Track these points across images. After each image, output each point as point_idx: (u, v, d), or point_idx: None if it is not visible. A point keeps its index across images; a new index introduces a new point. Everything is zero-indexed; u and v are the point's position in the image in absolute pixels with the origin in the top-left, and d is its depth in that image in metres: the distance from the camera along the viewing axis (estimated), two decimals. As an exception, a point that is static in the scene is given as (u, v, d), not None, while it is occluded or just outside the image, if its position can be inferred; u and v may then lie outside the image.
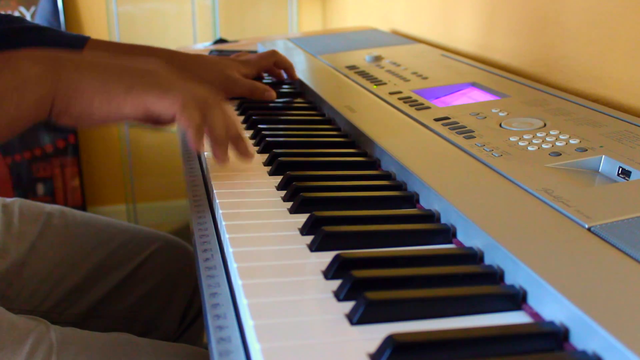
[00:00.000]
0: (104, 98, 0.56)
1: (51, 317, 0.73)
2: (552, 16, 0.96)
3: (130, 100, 0.56)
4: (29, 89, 0.55)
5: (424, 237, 0.52)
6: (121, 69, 0.58)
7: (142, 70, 0.59)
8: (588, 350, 0.37)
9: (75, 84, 0.56)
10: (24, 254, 0.87)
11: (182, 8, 2.18)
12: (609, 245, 0.45)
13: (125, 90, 0.56)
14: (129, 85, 0.57)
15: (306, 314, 0.42)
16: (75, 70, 0.56)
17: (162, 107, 0.57)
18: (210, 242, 0.56)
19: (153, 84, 0.58)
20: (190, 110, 0.57)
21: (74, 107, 0.56)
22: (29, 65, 0.55)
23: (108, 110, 0.57)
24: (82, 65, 0.57)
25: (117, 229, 0.97)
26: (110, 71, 0.57)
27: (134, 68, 0.59)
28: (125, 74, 0.58)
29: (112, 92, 0.56)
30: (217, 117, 0.60)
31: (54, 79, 0.55)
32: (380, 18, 1.67)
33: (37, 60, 0.56)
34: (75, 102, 0.56)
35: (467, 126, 0.71)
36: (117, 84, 0.57)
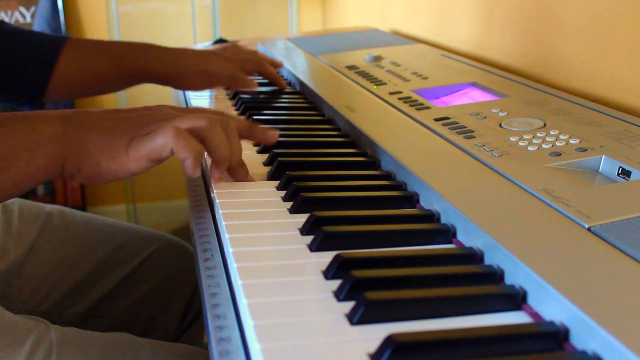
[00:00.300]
0: (108, 157, 0.57)
1: (51, 317, 0.73)
2: (552, 16, 0.96)
3: (131, 155, 0.56)
4: (40, 150, 0.56)
5: (424, 237, 0.52)
6: (123, 121, 0.59)
7: (143, 116, 0.59)
8: (588, 350, 0.37)
9: (83, 145, 0.57)
10: (23, 254, 0.87)
11: (182, 8, 2.18)
12: (609, 245, 0.45)
13: (126, 144, 0.57)
14: (129, 138, 0.57)
15: (306, 314, 0.42)
16: (82, 130, 0.57)
17: (159, 150, 0.56)
18: (210, 242, 0.56)
19: (149, 130, 0.57)
20: (183, 140, 0.56)
21: (84, 168, 0.57)
22: (42, 126, 0.57)
23: (114, 169, 0.57)
24: (89, 123, 0.58)
25: (117, 229, 0.97)
26: (114, 127, 0.58)
27: (137, 117, 0.59)
28: (126, 126, 0.58)
29: (114, 150, 0.57)
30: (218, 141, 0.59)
31: (63, 141, 0.57)
32: (380, 18, 1.67)
33: (49, 121, 0.57)
34: (85, 164, 0.57)
35: (467, 126, 0.71)
36: (118, 140, 0.57)
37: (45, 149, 0.56)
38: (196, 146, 0.56)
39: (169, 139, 0.55)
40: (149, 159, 0.57)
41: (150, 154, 0.56)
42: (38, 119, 0.57)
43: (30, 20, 2.13)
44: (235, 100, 0.98)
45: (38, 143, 0.56)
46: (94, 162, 0.57)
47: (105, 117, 0.59)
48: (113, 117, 0.59)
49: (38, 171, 0.56)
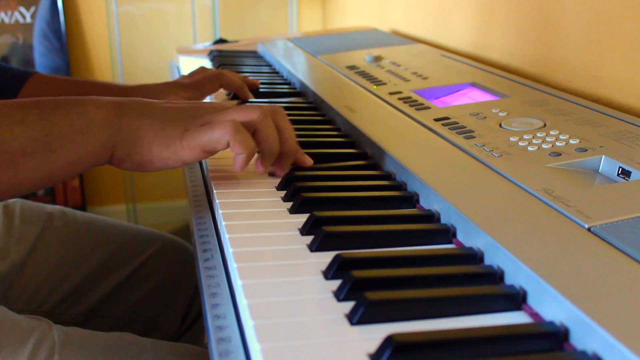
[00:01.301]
0: (162, 144, 0.57)
1: (52, 317, 0.73)
2: (552, 16, 0.96)
3: (186, 144, 0.57)
4: (92, 133, 0.56)
5: (424, 237, 0.52)
6: (177, 111, 0.60)
7: (195, 108, 0.61)
8: (588, 350, 0.37)
9: (135, 132, 0.58)
10: (24, 254, 0.87)
11: (182, 8, 2.18)
12: (609, 245, 0.45)
13: (181, 133, 0.58)
14: (184, 127, 0.58)
15: (306, 314, 0.42)
16: (136, 117, 0.58)
17: (215, 142, 0.57)
18: (210, 242, 0.56)
19: (204, 120, 0.59)
20: (241, 135, 0.57)
21: (135, 154, 0.58)
22: (94, 110, 0.57)
23: (167, 156, 0.58)
24: (143, 111, 0.59)
25: (117, 230, 0.97)
26: (168, 115, 0.59)
27: (189, 107, 0.61)
28: (179, 115, 0.59)
29: (168, 138, 0.57)
30: (269, 133, 0.60)
31: (116, 126, 0.57)
32: (379, 18, 1.67)
33: (102, 106, 0.58)
34: (135, 150, 0.58)
35: (467, 126, 0.71)
36: (173, 128, 0.58)
37: (97, 133, 0.56)
38: (251, 143, 0.58)
39: (227, 133, 0.56)
40: (203, 149, 0.57)
41: (206, 145, 0.57)
42: (91, 103, 0.57)
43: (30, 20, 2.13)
44: (234, 100, 0.97)
45: (90, 126, 0.56)
46: (146, 148, 0.57)
47: (158, 106, 0.60)
48: (166, 106, 0.60)
49: (88, 155, 0.57)
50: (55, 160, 0.55)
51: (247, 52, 1.42)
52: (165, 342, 0.76)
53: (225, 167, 0.68)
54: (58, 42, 2.15)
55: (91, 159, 0.57)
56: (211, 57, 1.34)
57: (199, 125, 0.58)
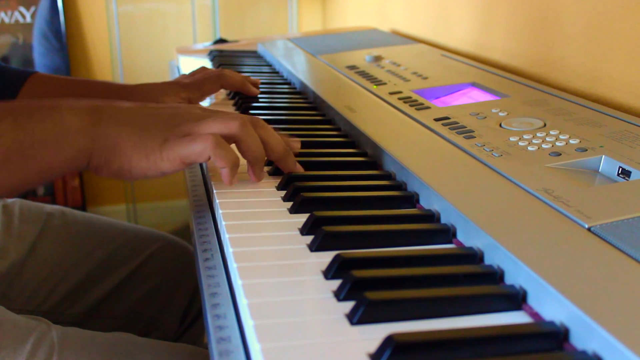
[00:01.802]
0: (141, 154, 0.56)
1: (52, 317, 0.73)
2: (552, 16, 0.96)
3: (165, 155, 0.56)
4: (68, 140, 0.55)
5: (424, 237, 0.52)
6: (156, 119, 0.59)
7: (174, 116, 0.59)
8: (588, 350, 0.37)
9: (113, 140, 0.56)
10: (24, 254, 0.87)
11: (182, 8, 2.18)
12: (609, 245, 0.45)
13: (160, 144, 0.57)
14: (164, 138, 0.57)
15: (306, 314, 0.42)
16: (114, 125, 0.57)
17: (196, 155, 0.56)
18: (210, 242, 0.56)
19: (183, 131, 0.58)
20: (222, 150, 0.56)
21: (113, 162, 0.57)
22: (70, 117, 0.56)
23: (146, 166, 0.57)
24: (121, 118, 0.58)
25: (117, 229, 0.97)
26: (147, 124, 0.58)
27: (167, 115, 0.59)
28: (159, 124, 0.58)
29: (148, 148, 0.56)
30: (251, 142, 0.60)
31: (92, 134, 0.56)
32: (379, 18, 1.67)
33: (78, 113, 0.57)
34: (114, 158, 0.57)
35: (467, 126, 0.71)
36: (152, 138, 0.57)
37: (73, 141, 0.55)
38: (233, 155, 0.58)
39: (207, 147, 0.56)
40: (183, 162, 0.57)
41: (186, 158, 0.57)
42: (67, 110, 0.56)
43: (30, 20, 2.13)
44: (235, 100, 0.98)
45: (65, 134, 0.55)
46: (125, 158, 0.56)
47: (137, 112, 0.59)
48: (144, 112, 0.59)
49: (64, 162, 0.56)
50: (29, 168, 0.55)
51: (247, 52, 1.42)
52: (164, 342, 0.76)
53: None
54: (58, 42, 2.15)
55: (66, 166, 0.56)
56: (211, 57, 1.34)
57: (179, 136, 0.57)
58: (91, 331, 0.71)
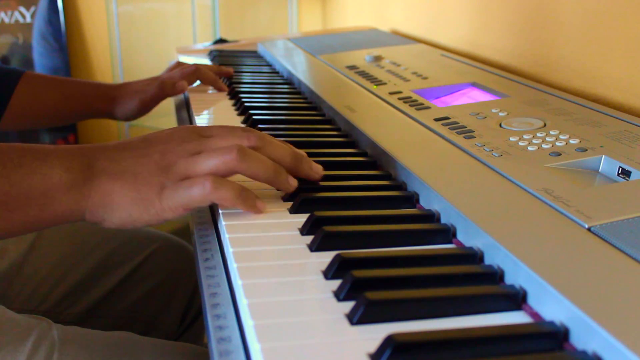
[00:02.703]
0: (141, 208, 0.54)
1: (52, 317, 0.73)
2: (552, 15, 0.96)
3: (166, 205, 0.53)
4: (57, 197, 0.53)
5: (424, 237, 0.52)
6: (148, 162, 0.55)
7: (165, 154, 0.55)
8: (588, 350, 0.37)
9: (108, 197, 0.54)
10: (23, 253, 0.87)
11: (182, 8, 2.18)
12: (609, 245, 0.45)
13: (158, 193, 0.53)
14: (160, 185, 0.54)
15: (306, 314, 0.42)
16: (107, 180, 0.54)
17: (197, 202, 0.53)
18: (210, 242, 0.56)
19: (179, 173, 0.54)
20: (224, 190, 0.53)
21: (114, 218, 0.54)
22: (60, 173, 0.53)
23: (148, 219, 0.54)
24: (114, 171, 0.54)
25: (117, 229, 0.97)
26: (140, 173, 0.54)
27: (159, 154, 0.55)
28: (152, 171, 0.54)
29: (146, 200, 0.54)
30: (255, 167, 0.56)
31: (84, 191, 0.54)
32: (379, 18, 1.67)
33: (70, 168, 0.54)
34: (113, 214, 0.54)
35: (467, 126, 0.71)
36: (148, 188, 0.54)
37: (63, 198, 0.53)
38: (235, 189, 0.54)
39: (207, 192, 0.53)
40: (185, 208, 0.54)
41: (188, 204, 0.54)
42: (57, 163, 0.53)
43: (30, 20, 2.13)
44: (234, 100, 0.98)
45: (54, 191, 0.53)
46: (124, 213, 0.54)
47: (127, 157, 0.55)
48: (135, 156, 0.55)
49: (53, 218, 0.54)
50: (13, 220, 0.52)
51: (247, 52, 1.42)
52: (164, 341, 0.76)
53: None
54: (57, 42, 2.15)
55: (57, 221, 0.54)
56: (211, 57, 1.34)
57: (176, 181, 0.54)
58: (92, 330, 0.71)
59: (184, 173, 0.54)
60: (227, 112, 0.93)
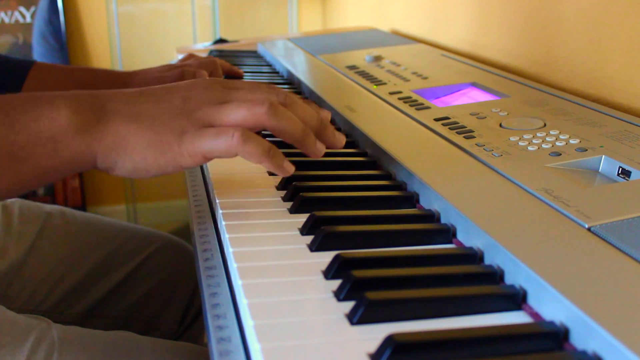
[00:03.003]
0: (157, 151, 0.51)
1: (51, 317, 0.73)
2: (552, 16, 0.96)
3: (185, 150, 0.51)
4: (66, 142, 0.49)
5: (424, 237, 0.52)
6: (169, 106, 0.52)
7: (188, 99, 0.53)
8: (588, 350, 0.37)
9: (123, 139, 0.50)
10: (23, 254, 0.87)
11: (182, 8, 2.18)
12: (609, 245, 0.45)
13: (178, 137, 0.51)
14: (181, 131, 0.51)
15: (306, 314, 0.42)
16: (122, 122, 0.51)
17: (221, 152, 0.51)
18: (210, 242, 0.56)
19: (203, 119, 0.52)
20: (250, 145, 0.51)
21: (126, 162, 0.51)
22: (69, 115, 0.50)
23: (164, 163, 0.51)
24: (130, 112, 0.51)
25: (117, 229, 0.97)
26: (159, 115, 0.51)
27: (181, 99, 0.53)
28: (173, 114, 0.52)
29: (164, 143, 0.51)
30: (286, 123, 0.53)
31: (97, 133, 0.50)
32: (379, 18, 1.67)
33: (79, 109, 0.50)
34: (125, 158, 0.51)
35: (467, 126, 0.71)
36: (168, 131, 0.51)
37: (73, 141, 0.49)
38: (264, 146, 0.52)
39: (234, 145, 0.50)
40: (205, 156, 0.51)
41: (209, 153, 0.51)
42: (65, 105, 0.50)
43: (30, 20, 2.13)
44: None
45: (65, 134, 0.49)
46: (139, 156, 0.51)
47: (144, 101, 0.52)
48: (153, 101, 0.53)
49: (63, 165, 0.50)
50: (24, 171, 0.49)
51: (247, 52, 1.42)
52: (164, 340, 0.76)
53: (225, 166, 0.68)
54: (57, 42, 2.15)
55: (67, 169, 0.51)
56: (211, 57, 1.34)
57: (198, 127, 0.51)
58: (91, 330, 0.71)
59: (209, 121, 0.52)
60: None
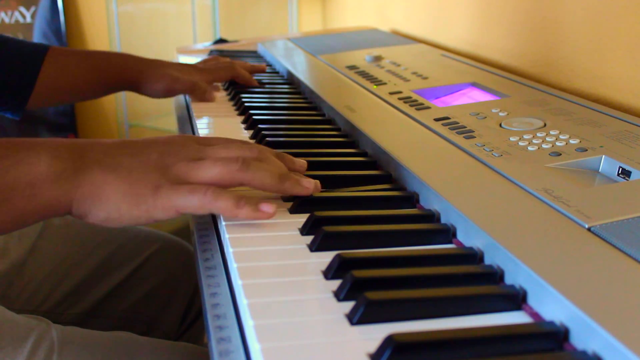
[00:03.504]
0: (132, 203, 0.52)
1: (52, 317, 0.73)
2: (552, 16, 0.96)
3: (160, 204, 0.52)
4: (44, 187, 0.51)
5: (424, 237, 0.52)
6: (146, 160, 0.54)
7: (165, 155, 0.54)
8: (588, 350, 0.37)
9: (99, 188, 0.52)
10: (24, 254, 0.87)
11: (182, 8, 2.18)
12: (609, 245, 0.45)
13: (153, 191, 0.52)
14: (156, 185, 0.52)
15: (306, 314, 0.42)
16: (100, 172, 0.52)
17: (194, 209, 0.52)
18: (210, 242, 0.56)
19: (178, 175, 0.53)
20: (222, 202, 0.52)
21: (99, 211, 0.52)
22: (48, 161, 0.51)
23: (138, 215, 0.52)
24: (107, 163, 0.53)
25: (117, 230, 0.97)
26: (136, 168, 0.53)
27: (158, 154, 0.54)
28: (149, 168, 0.53)
29: (139, 196, 0.52)
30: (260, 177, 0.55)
31: (75, 181, 0.51)
32: (379, 18, 1.67)
33: (59, 156, 0.52)
34: (100, 207, 0.52)
35: (467, 126, 0.71)
36: (142, 185, 0.52)
37: (51, 188, 0.51)
38: (234, 198, 0.52)
39: (206, 203, 0.52)
40: (178, 211, 0.52)
41: (183, 208, 0.52)
42: (45, 151, 0.51)
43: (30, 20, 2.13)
44: (235, 100, 0.98)
45: (42, 181, 0.50)
46: (112, 206, 0.52)
47: (123, 154, 0.54)
48: (131, 153, 0.54)
49: (40, 209, 0.51)
50: (1, 213, 0.50)
51: (247, 52, 1.42)
52: (164, 341, 0.76)
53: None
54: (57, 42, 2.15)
55: (43, 214, 0.52)
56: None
57: (173, 182, 0.52)
58: (91, 330, 0.71)
59: (184, 177, 0.53)
60: (227, 112, 0.93)
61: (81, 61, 0.96)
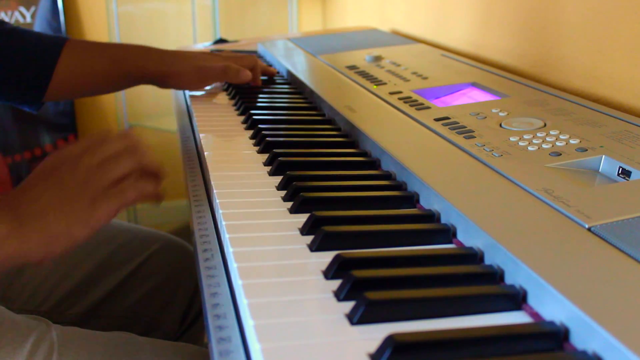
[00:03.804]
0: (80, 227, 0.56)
1: (52, 317, 0.73)
2: (552, 16, 0.96)
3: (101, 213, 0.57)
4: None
5: (424, 237, 0.52)
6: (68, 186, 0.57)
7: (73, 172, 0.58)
8: (588, 350, 0.37)
9: (46, 232, 0.55)
10: (24, 254, 0.87)
11: (182, 8, 2.18)
12: (609, 245, 0.45)
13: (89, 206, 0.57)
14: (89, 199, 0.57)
15: (306, 314, 0.42)
16: (37, 218, 0.55)
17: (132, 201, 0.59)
18: (210, 242, 0.56)
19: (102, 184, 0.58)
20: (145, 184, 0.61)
21: (55, 248, 0.56)
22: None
23: (89, 232, 0.57)
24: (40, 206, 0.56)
25: (117, 229, 0.97)
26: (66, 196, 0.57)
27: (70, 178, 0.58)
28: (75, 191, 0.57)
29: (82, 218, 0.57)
30: (130, 189, 0.60)
31: (21, 239, 0.54)
32: (379, 18, 1.67)
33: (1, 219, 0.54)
34: (54, 245, 0.56)
35: (467, 126, 0.71)
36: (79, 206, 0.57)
37: (2, 248, 0.53)
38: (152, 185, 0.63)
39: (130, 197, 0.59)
40: (119, 211, 0.59)
41: (121, 207, 0.59)
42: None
43: (30, 20, 2.13)
44: (235, 100, 0.98)
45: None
46: (64, 239, 0.56)
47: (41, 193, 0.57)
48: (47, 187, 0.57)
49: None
50: None
51: (247, 52, 1.42)
52: (164, 341, 0.76)
53: (225, 166, 0.68)
54: (58, 42, 2.14)
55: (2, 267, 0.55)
56: (211, 57, 1.34)
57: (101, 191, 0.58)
58: (91, 331, 0.71)
59: (107, 181, 0.58)
60: (227, 112, 0.93)
61: (100, 53, 0.94)
